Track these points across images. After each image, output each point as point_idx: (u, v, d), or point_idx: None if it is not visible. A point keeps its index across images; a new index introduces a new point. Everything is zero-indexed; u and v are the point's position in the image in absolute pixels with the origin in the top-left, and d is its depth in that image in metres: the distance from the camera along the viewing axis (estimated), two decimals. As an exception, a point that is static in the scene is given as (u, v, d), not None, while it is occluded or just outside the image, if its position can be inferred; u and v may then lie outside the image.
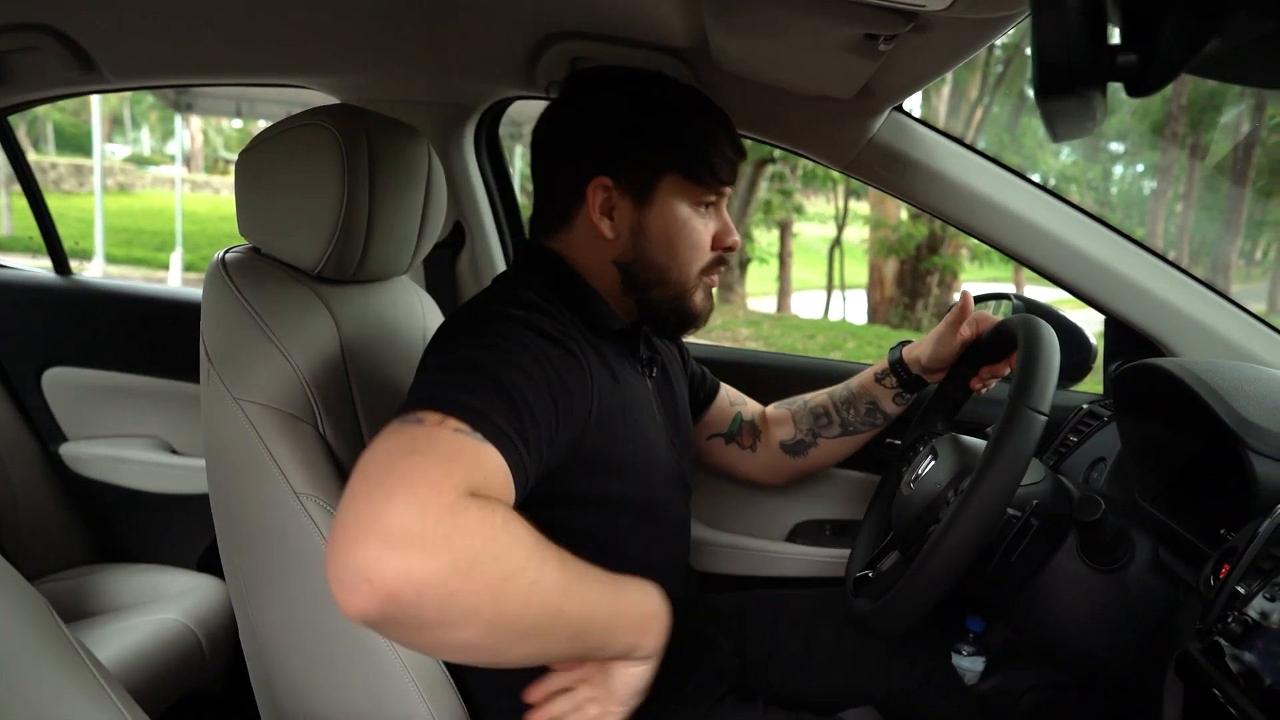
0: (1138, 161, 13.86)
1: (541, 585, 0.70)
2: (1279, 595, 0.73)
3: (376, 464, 0.68)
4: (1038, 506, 1.00)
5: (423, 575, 0.62)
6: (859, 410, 1.29)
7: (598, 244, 1.00)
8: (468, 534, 0.65)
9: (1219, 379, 0.97)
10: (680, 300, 1.03)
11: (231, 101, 8.15)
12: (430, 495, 0.65)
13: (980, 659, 1.43)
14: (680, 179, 0.99)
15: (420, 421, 0.71)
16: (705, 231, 1.02)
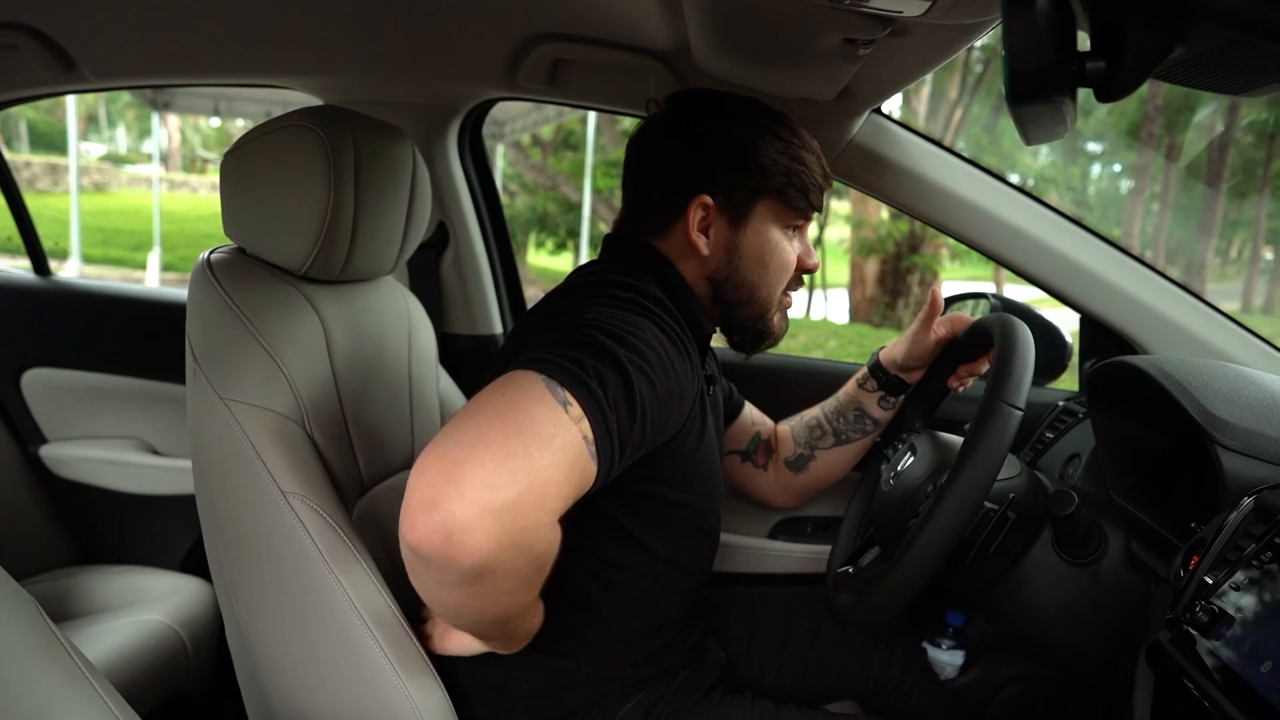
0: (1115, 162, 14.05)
1: (517, 605, 0.80)
2: (1244, 585, 0.75)
3: (513, 420, 0.70)
4: (1014, 500, 1.02)
5: (481, 561, 0.68)
6: (849, 418, 1.31)
7: (692, 257, 1.04)
8: (530, 554, 0.72)
9: (1189, 376, 0.99)
10: (762, 319, 1.08)
11: (210, 100, 8.10)
12: (536, 506, 0.70)
13: (960, 652, 1.46)
14: (775, 203, 1.03)
15: (567, 407, 0.73)
16: (788, 255, 1.07)
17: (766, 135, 1.02)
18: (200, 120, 20.34)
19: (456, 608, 0.78)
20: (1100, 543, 1.03)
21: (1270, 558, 0.75)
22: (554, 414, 0.72)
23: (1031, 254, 1.33)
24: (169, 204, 14.08)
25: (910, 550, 0.91)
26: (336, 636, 0.92)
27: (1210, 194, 12.18)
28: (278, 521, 0.92)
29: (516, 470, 0.68)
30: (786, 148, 1.03)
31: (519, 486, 0.68)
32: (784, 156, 1.03)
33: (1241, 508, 0.84)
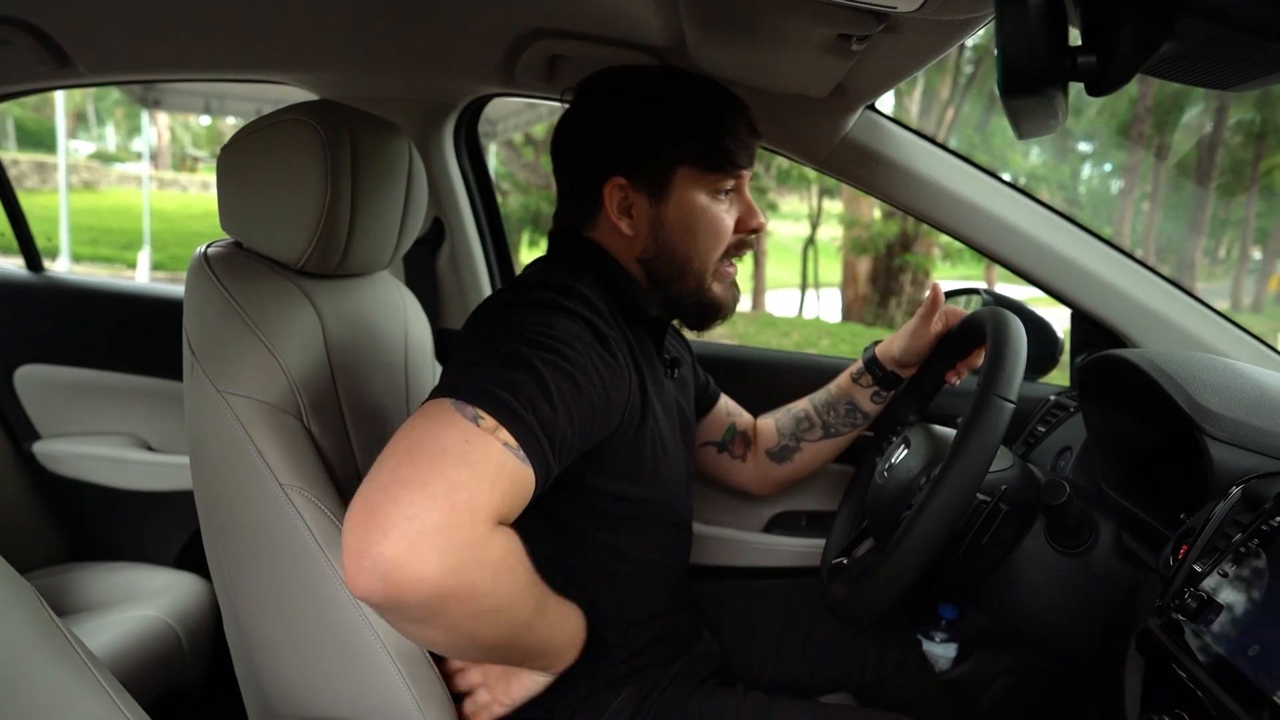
0: (1105, 161, 14.10)
1: (515, 620, 0.81)
2: (1232, 572, 0.76)
3: (424, 451, 0.72)
4: (1006, 492, 1.03)
5: (432, 590, 0.68)
6: (839, 412, 1.32)
7: (621, 241, 1.03)
8: (482, 567, 0.72)
9: (1178, 369, 1.00)
10: (701, 292, 1.05)
11: (201, 98, 8.05)
12: (467, 520, 0.70)
13: (953, 645, 1.47)
14: (694, 169, 1.00)
15: (478, 421, 0.74)
16: (726, 217, 1.03)
17: (672, 102, 1.00)
18: (190, 118, 20.26)
19: (455, 644, 0.80)
20: (1091, 533, 1.04)
21: (1257, 545, 0.76)
22: (464, 431, 0.73)
23: (1024, 250, 1.35)
24: (159, 202, 14.03)
25: (904, 542, 0.92)
26: (335, 629, 0.93)
27: (1199, 193, 12.26)
28: (276, 514, 0.93)
29: (434, 495, 0.69)
30: (697, 110, 1.00)
31: (440, 508, 0.69)
32: (695, 119, 1.00)
33: (1230, 497, 0.85)
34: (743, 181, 1.05)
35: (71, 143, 18.71)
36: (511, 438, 0.75)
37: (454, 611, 0.72)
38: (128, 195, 15.60)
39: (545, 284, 0.94)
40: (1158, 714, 0.76)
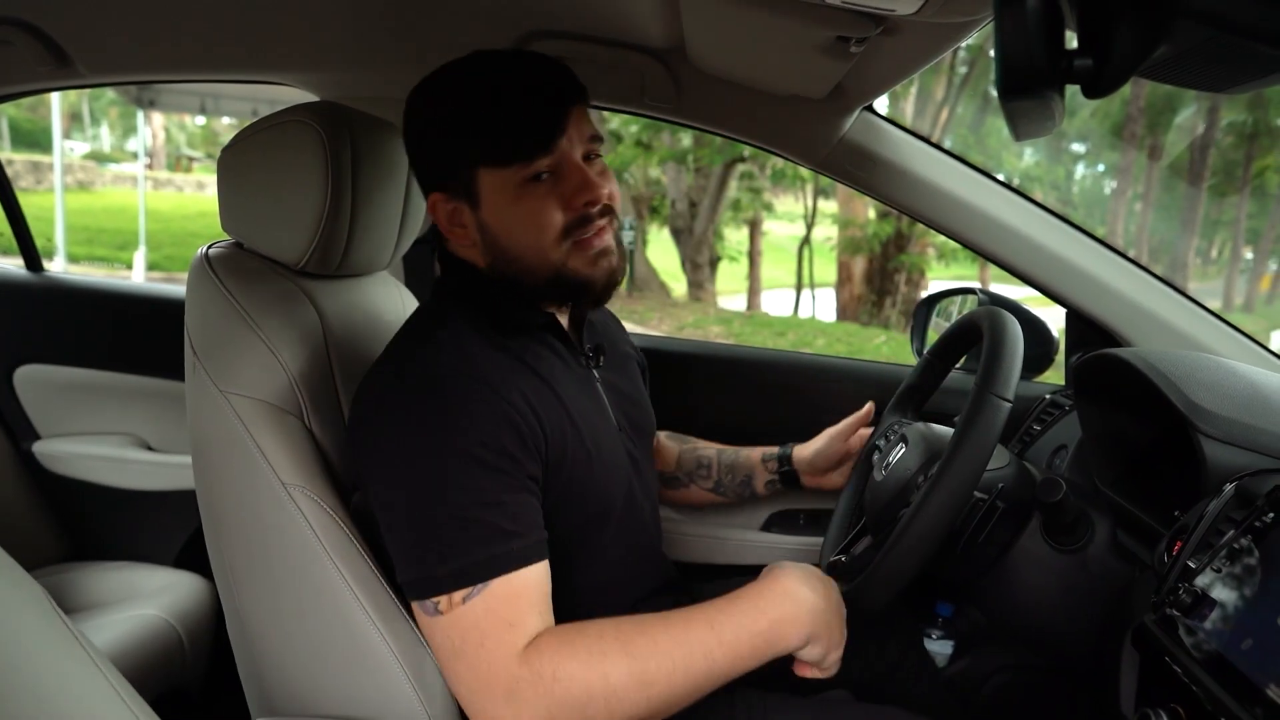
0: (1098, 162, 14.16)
1: (679, 664, 0.86)
2: (1226, 567, 0.77)
3: (452, 673, 0.87)
4: (1003, 490, 1.04)
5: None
6: (735, 477, 1.35)
7: (470, 253, 1.01)
8: (566, 680, 0.83)
9: (1172, 368, 1.01)
10: (558, 277, 0.97)
11: (196, 98, 8.04)
12: (508, 684, 0.84)
13: (949, 642, 1.49)
14: (490, 168, 0.95)
15: (438, 610, 0.85)
16: (547, 202, 0.95)
17: (453, 106, 0.95)
18: (185, 118, 20.22)
19: (671, 701, 0.87)
20: (1087, 531, 1.05)
21: (1250, 542, 0.77)
22: (449, 622, 0.85)
23: (1019, 250, 1.36)
24: (154, 202, 13.98)
25: (902, 539, 0.93)
26: (338, 626, 0.93)
27: (1192, 194, 12.31)
28: (278, 513, 0.93)
29: (476, 688, 0.85)
30: (477, 106, 0.94)
31: (484, 680, 0.85)
32: (475, 117, 0.94)
33: (1223, 494, 0.86)
34: (563, 157, 0.95)
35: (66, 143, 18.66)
36: (467, 588, 0.84)
37: (614, 711, 0.84)
38: (123, 195, 15.58)
39: (421, 358, 0.94)
40: (1153, 708, 0.77)
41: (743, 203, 11.48)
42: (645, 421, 1.19)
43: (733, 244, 12.05)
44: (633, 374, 1.21)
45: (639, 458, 1.12)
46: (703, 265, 11.36)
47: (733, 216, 11.72)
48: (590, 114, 1.01)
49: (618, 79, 1.31)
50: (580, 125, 0.96)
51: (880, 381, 1.63)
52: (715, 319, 10.31)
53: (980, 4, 0.78)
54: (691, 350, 1.75)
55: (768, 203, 12.06)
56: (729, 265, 12.00)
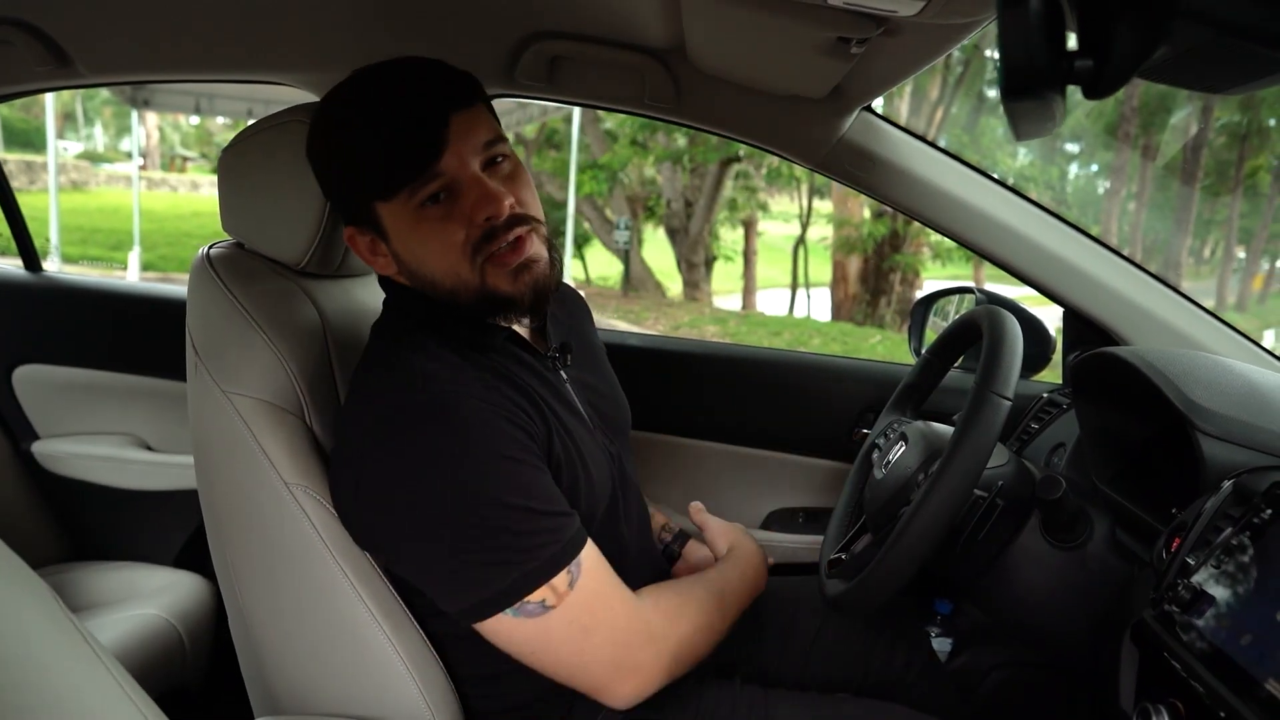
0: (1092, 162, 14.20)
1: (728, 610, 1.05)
2: (1224, 563, 0.78)
3: (588, 651, 0.90)
4: (1003, 487, 1.05)
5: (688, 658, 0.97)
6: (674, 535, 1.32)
7: (400, 280, 0.99)
8: (678, 616, 0.97)
9: (1170, 366, 1.02)
10: (482, 295, 0.93)
11: (191, 98, 8.02)
12: (645, 628, 0.93)
13: (948, 640, 1.50)
14: (381, 200, 0.91)
15: (549, 607, 0.86)
16: (445, 226, 0.90)
17: (334, 139, 0.92)
18: (179, 118, 20.18)
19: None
20: (1086, 528, 1.06)
21: (1248, 538, 0.78)
22: (575, 601, 0.87)
23: (1018, 249, 1.36)
24: (148, 202, 13.95)
25: (904, 536, 0.94)
26: (341, 625, 0.93)
27: (1185, 194, 12.35)
28: (281, 512, 0.94)
29: (620, 637, 0.91)
30: (352, 139, 0.90)
31: (627, 635, 0.92)
32: (353, 152, 0.90)
33: (1221, 491, 0.87)
34: (453, 174, 0.89)
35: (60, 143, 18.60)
36: (564, 574, 0.86)
37: (701, 643, 0.99)
38: (117, 195, 15.53)
39: (402, 393, 0.89)
40: (1152, 704, 0.78)
41: (738, 202, 11.51)
42: (620, 416, 1.17)
43: (728, 244, 12.07)
44: (602, 365, 1.18)
45: (617, 454, 1.10)
46: (698, 265, 11.38)
47: (728, 216, 11.74)
48: (488, 113, 0.96)
49: (617, 79, 1.32)
50: (470, 134, 0.90)
51: (878, 380, 1.64)
52: (711, 319, 10.32)
53: (980, 5, 0.78)
54: (690, 349, 1.75)
55: (763, 202, 12.09)
56: (724, 265, 12.02)
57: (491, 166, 0.93)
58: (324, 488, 0.95)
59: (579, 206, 11.11)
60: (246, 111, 7.57)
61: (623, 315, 10.20)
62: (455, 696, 0.98)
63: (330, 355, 1.06)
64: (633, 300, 11.34)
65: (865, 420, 1.60)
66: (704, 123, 1.39)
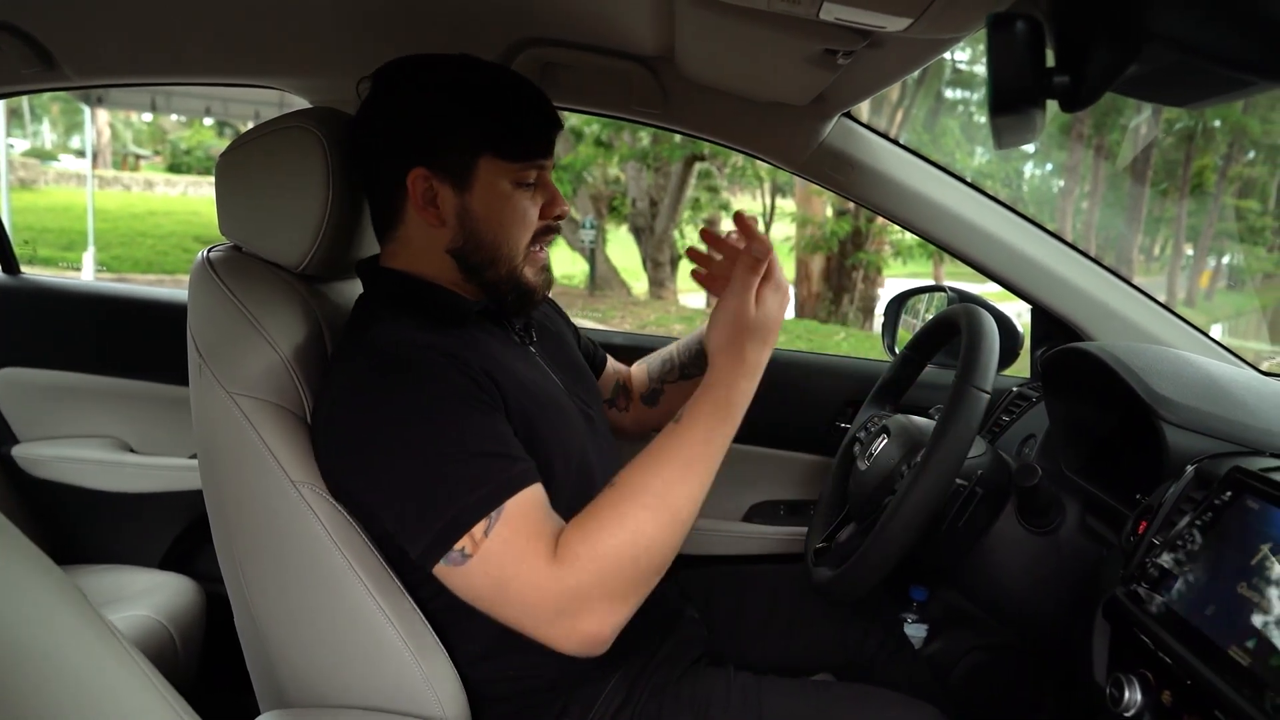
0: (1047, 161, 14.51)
1: (690, 485, 0.94)
2: (1188, 543, 0.84)
3: (504, 604, 0.88)
4: (981, 476, 1.11)
5: (622, 615, 0.89)
6: (692, 353, 1.36)
7: (429, 236, 1.03)
8: (606, 553, 0.87)
9: (1135, 359, 1.08)
10: (514, 277, 1.05)
11: (147, 94, 7.88)
12: (559, 585, 0.86)
13: (923, 626, 1.55)
14: (495, 158, 1.00)
15: (465, 555, 0.86)
16: (531, 206, 1.04)
17: (470, 91, 1.00)
18: (132, 115, 19.72)
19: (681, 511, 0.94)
20: (1059, 514, 1.12)
21: (1210, 519, 0.84)
22: (487, 553, 0.86)
23: (989, 249, 1.42)
24: (100, 201, 13.61)
25: (890, 524, 0.98)
26: (351, 620, 0.95)
27: (1136, 193, 12.69)
28: (289, 511, 0.95)
29: (531, 594, 0.86)
30: (495, 100, 1.00)
31: (539, 593, 0.86)
32: (494, 110, 0.99)
33: (1184, 477, 0.93)
34: (545, 171, 1.05)
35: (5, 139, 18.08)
36: (483, 522, 0.86)
37: (649, 565, 0.91)
38: (67, 194, 15.12)
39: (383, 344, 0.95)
40: (1124, 674, 0.83)
41: (702, 201, 11.57)
42: (590, 387, 1.22)
43: (693, 242, 12.12)
44: (570, 348, 1.25)
45: (594, 416, 1.15)
46: (664, 264, 11.42)
47: (692, 215, 11.80)
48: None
49: (606, 85, 1.35)
50: (553, 153, 1.06)
51: (855, 376, 1.70)
52: (677, 317, 10.37)
53: (963, 22, 0.83)
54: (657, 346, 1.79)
55: (726, 201, 12.17)
56: (690, 264, 12.06)
57: None
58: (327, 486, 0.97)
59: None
60: (204, 110, 7.46)
61: (589, 314, 10.21)
62: (458, 681, 1.01)
63: (329, 355, 1.08)
64: (599, 299, 11.35)
65: (845, 414, 1.66)
66: (689, 128, 1.43)
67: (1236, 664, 0.71)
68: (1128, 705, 0.81)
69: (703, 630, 1.22)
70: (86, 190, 11.25)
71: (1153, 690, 0.80)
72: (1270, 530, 0.77)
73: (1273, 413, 1.00)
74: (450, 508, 0.86)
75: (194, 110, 7.81)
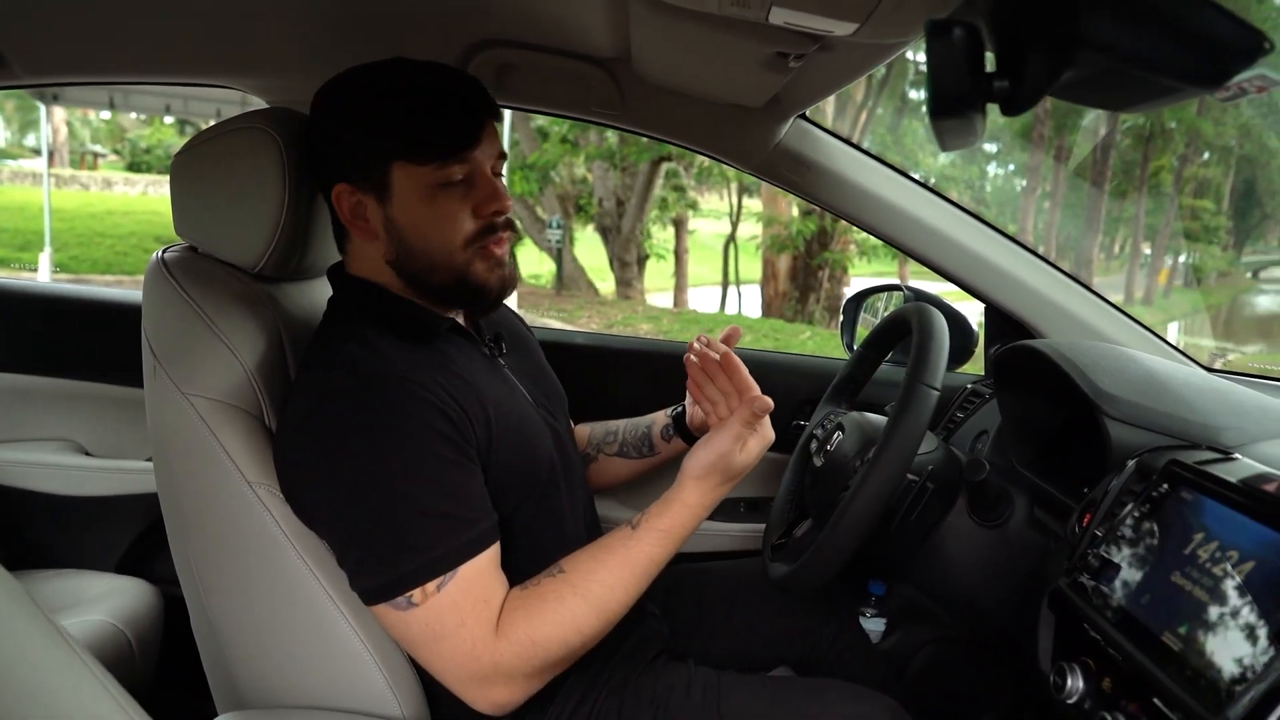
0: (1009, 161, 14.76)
1: (630, 587, 0.99)
2: (1128, 534, 0.87)
3: (434, 656, 0.91)
4: (932, 472, 1.13)
5: (534, 689, 0.95)
6: (637, 433, 1.36)
7: (370, 249, 1.03)
8: (544, 641, 0.92)
9: (1080, 356, 1.11)
10: (460, 279, 1.02)
11: (104, 92, 7.74)
12: (493, 656, 0.90)
13: (881, 620, 1.58)
14: (407, 164, 0.97)
15: (411, 604, 0.88)
16: (459, 206, 0.99)
17: (371, 99, 0.98)
18: (89, 113, 19.34)
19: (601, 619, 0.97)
20: (1008, 507, 1.14)
21: (1148, 510, 0.87)
22: (416, 616, 0.89)
23: (943, 249, 1.45)
24: (57, 201, 13.32)
25: (843, 519, 1.00)
26: (308, 618, 0.95)
27: (1095, 193, 12.95)
28: (245, 512, 0.95)
29: (452, 663, 0.91)
30: (395, 104, 0.97)
31: (469, 657, 0.90)
32: (395, 114, 0.97)
33: (1125, 470, 0.96)
34: (476, 166, 1.00)
35: (-45, 138, 17.65)
36: (438, 578, 0.88)
37: (577, 648, 0.96)
38: (22, 193, 14.78)
39: (346, 364, 0.95)
40: (1067, 662, 0.86)
41: (668, 201, 11.61)
42: (557, 398, 1.23)
43: (659, 242, 12.17)
44: (536, 356, 1.25)
45: (560, 430, 1.16)
46: (630, 263, 11.45)
47: (659, 215, 11.83)
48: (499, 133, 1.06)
49: (564, 86, 1.36)
50: (492, 140, 1.02)
51: (812, 374, 1.72)
52: (644, 316, 10.40)
53: (909, 27, 0.85)
54: (633, 347, 1.80)
55: (693, 201, 12.22)
56: (656, 263, 12.11)
57: (494, 176, 1.04)
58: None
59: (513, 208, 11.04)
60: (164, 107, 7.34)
61: (556, 314, 10.21)
62: (419, 685, 1.01)
63: (286, 356, 1.07)
64: (566, 299, 11.34)
65: (803, 412, 1.68)
66: (647, 129, 1.44)
67: (1170, 650, 0.74)
68: (1070, 692, 0.83)
69: (663, 627, 1.24)
70: (43, 189, 11.00)
71: (1094, 677, 0.83)
72: (1203, 520, 0.80)
73: (1212, 407, 1.04)
74: (408, 561, 0.88)
75: (153, 108, 7.69)
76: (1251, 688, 0.66)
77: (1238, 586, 0.72)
